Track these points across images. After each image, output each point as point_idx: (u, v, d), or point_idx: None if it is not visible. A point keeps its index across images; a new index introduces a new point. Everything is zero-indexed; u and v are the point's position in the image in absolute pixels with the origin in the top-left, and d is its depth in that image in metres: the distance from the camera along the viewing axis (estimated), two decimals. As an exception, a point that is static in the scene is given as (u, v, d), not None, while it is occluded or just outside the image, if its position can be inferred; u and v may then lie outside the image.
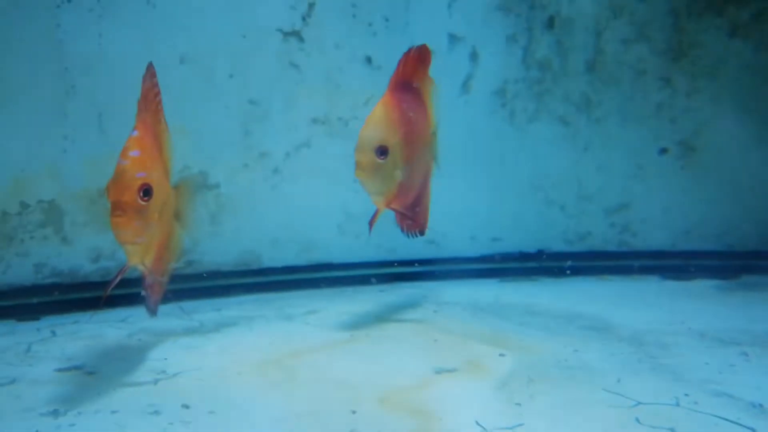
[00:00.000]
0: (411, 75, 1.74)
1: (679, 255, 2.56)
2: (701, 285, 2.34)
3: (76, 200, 1.98)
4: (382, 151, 1.59)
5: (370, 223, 1.71)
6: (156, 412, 1.23)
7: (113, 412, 1.23)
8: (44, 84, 1.91)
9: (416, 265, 2.42)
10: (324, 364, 1.51)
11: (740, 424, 1.20)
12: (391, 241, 2.40)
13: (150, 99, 1.47)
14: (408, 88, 1.73)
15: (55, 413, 1.23)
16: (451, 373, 1.45)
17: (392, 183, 1.64)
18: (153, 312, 1.55)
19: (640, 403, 1.29)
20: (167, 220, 1.47)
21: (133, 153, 1.33)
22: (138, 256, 1.38)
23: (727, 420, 1.22)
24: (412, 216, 1.80)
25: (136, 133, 1.39)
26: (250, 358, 1.53)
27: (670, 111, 2.55)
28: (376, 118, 1.62)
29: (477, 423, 1.20)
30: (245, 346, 1.63)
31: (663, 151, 2.56)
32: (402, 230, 1.82)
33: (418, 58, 1.75)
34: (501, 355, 1.57)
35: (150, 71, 1.48)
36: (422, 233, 1.86)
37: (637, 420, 1.21)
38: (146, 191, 1.31)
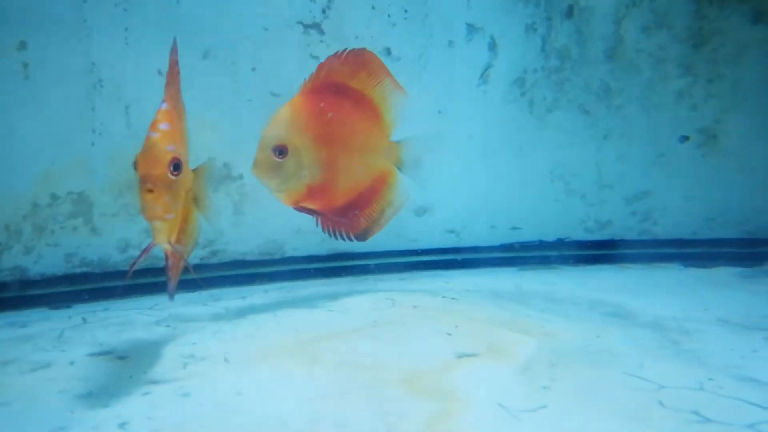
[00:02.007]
0: (346, 77, 1.71)
1: (700, 243, 2.55)
2: (724, 272, 2.33)
3: (105, 192, 2.02)
4: (281, 150, 1.61)
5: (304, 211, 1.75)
6: (186, 394, 1.26)
7: (145, 393, 1.26)
8: (72, 78, 1.95)
9: (436, 254, 2.43)
10: (348, 348, 1.52)
11: (765, 408, 1.20)
12: (411, 232, 2.42)
13: (174, 74, 1.44)
14: (338, 91, 1.70)
15: (89, 395, 1.26)
16: (473, 357, 1.46)
17: (296, 183, 1.66)
18: (171, 295, 1.54)
19: (662, 386, 1.29)
20: (187, 202, 1.43)
21: (163, 126, 1.29)
22: (165, 234, 1.34)
23: (751, 403, 1.21)
24: (344, 219, 1.79)
25: (165, 106, 1.34)
26: (275, 343, 1.56)
27: (691, 98, 2.53)
28: (278, 119, 1.63)
29: (500, 405, 1.20)
30: (270, 331, 1.65)
31: (684, 138, 2.54)
32: (323, 230, 1.81)
33: (353, 62, 1.71)
34: (522, 340, 1.57)
35: (174, 47, 1.45)
36: (361, 238, 1.84)
37: (660, 403, 1.21)
38: (176, 165, 1.27)
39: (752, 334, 1.64)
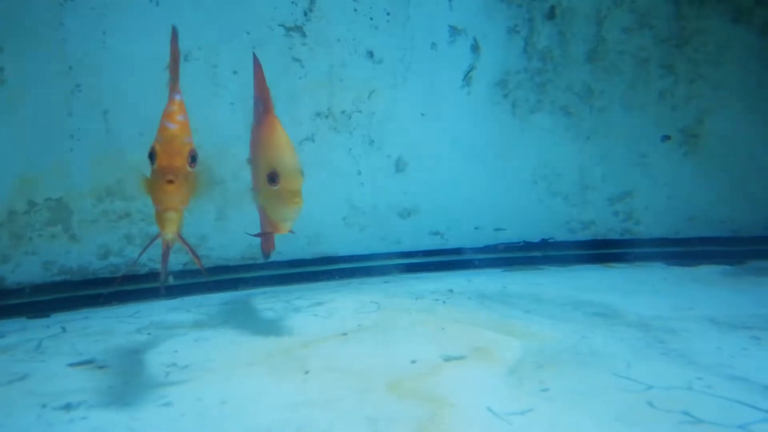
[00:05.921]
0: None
1: (683, 242, 2.57)
2: (707, 271, 2.34)
3: (84, 198, 1.99)
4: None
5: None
6: (168, 404, 1.23)
7: (125, 404, 1.23)
8: (49, 83, 1.92)
9: (421, 256, 2.43)
10: (333, 353, 1.51)
11: (757, 407, 1.19)
12: (395, 233, 2.41)
13: (176, 63, 1.44)
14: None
15: (67, 407, 1.23)
16: (461, 360, 1.45)
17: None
18: (163, 283, 1.54)
19: (651, 387, 1.29)
20: None
21: (180, 117, 1.30)
22: (175, 224, 1.33)
23: (742, 403, 1.21)
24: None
25: (179, 97, 1.35)
26: (259, 349, 1.54)
27: (673, 99, 2.55)
28: (289, 143, 1.54)
29: (488, 409, 1.19)
30: (255, 337, 1.63)
31: (665, 138, 2.56)
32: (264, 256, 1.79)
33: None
34: (509, 342, 1.57)
35: (174, 34, 1.44)
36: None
37: (650, 404, 1.21)
38: (194, 157, 1.29)
39: (739, 332, 1.64)
